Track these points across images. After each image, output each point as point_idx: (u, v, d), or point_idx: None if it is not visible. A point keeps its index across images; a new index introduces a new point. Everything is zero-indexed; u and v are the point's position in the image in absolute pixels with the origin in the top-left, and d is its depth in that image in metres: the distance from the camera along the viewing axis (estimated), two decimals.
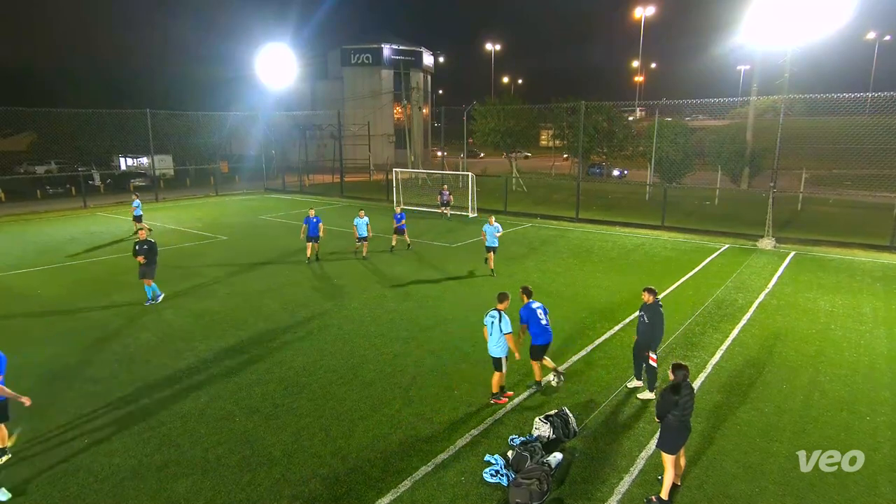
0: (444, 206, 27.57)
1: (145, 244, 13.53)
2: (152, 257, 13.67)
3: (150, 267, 13.69)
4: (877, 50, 75.34)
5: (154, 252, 13.72)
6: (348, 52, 64.55)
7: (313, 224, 17.78)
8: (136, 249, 13.52)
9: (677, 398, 6.36)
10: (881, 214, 25.23)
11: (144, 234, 14.00)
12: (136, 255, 13.49)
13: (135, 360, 10.57)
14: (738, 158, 35.12)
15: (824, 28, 22.41)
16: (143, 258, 13.47)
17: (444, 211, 27.57)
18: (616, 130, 42.31)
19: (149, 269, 13.70)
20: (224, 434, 7.99)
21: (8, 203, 32.42)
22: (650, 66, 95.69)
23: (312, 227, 17.77)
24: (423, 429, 8.11)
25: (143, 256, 13.46)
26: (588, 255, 19.31)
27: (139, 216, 22.51)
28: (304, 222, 17.89)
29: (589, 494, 6.71)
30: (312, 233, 17.81)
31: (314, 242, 18.02)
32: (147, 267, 13.64)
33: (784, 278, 16.34)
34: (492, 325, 8.68)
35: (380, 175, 44.59)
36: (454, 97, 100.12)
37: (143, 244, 13.52)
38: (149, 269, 13.70)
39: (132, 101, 40.10)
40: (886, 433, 8.01)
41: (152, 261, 13.70)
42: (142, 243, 13.53)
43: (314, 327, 12.26)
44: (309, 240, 17.93)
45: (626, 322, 12.56)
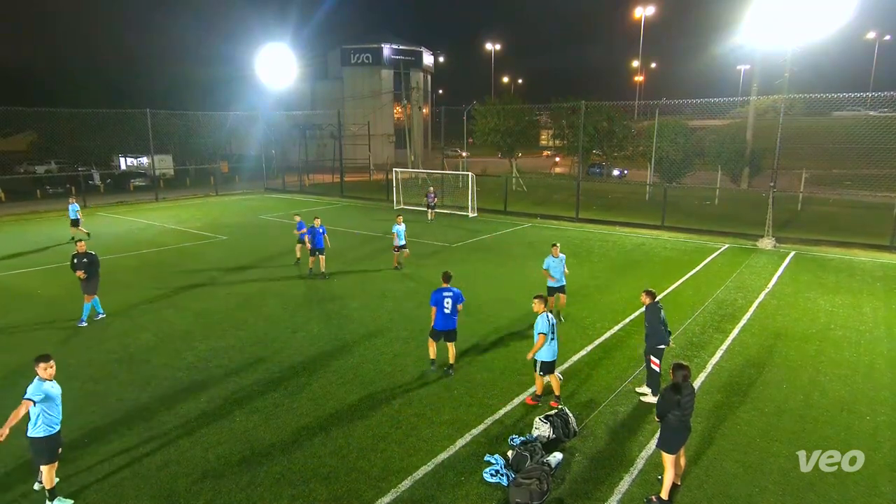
0: (430, 209, 27.02)
1: (84, 257, 12.17)
2: (93, 271, 12.29)
3: (90, 282, 12.26)
4: (877, 50, 75.37)
5: (95, 265, 12.36)
6: (348, 52, 64.60)
7: (318, 235, 15.99)
8: (75, 263, 12.13)
9: (678, 398, 6.36)
10: (881, 214, 25.22)
11: (83, 246, 12.53)
12: (75, 269, 12.10)
13: (135, 359, 10.57)
14: (738, 158, 35.12)
15: (824, 28, 22.39)
16: (83, 273, 12.07)
17: (431, 214, 26.98)
18: (616, 130, 42.32)
19: (90, 285, 12.27)
20: (224, 434, 7.99)
21: (8, 203, 32.42)
22: (650, 65, 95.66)
23: (317, 238, 15.99)
24: (423, 429, 8.11)
25: (83, 271, 12.07)
26: (588, 255, 19.30)
27: (76, 220, 21.50)
28: (308, 232, 16.16)
29: (589, 494, 6.71)
30: (318, 244, 16.04)
31: (319, 255, 16.16)
32: (88, 282, 12.21)
33: (784, 278, 16.34)
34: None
35: (380, 175, 44.59)
36: (454, 97, 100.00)
37: (83, 257, 12.16)
38: (90, 285, 12.27)
39: (132, 101, 40.06)
40: (886, 433, 8.01)
41: (93, 274, 12.29)
42: (80, 256, 12.16)
43: (314, 327, 12.26)
44: (313, 252, 16.13)
45: (626, 322, 12.56)
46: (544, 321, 8.51)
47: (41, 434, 6.36)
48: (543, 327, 8.48)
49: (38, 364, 6.48)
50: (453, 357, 9.91)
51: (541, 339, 8.47)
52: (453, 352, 9.89)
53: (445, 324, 9.65)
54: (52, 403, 6.44)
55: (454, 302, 9.61)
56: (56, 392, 6.53)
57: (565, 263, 12.46)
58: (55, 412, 6.48)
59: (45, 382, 6.45)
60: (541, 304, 8.79)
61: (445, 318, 9.61)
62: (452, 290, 9.74)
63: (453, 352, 9.89)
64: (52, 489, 6.49)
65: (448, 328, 9.71)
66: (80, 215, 21.93)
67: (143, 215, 28.45)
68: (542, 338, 8.45)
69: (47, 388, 6.42)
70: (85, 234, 21.27)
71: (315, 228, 16.01)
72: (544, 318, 8.55)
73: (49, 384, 6.47)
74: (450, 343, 9.84)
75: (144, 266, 17.80)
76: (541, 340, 8.46)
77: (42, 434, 6.36)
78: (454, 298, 9.64)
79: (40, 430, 6.36)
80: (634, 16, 69.48)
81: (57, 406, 6.52)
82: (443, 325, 9.65)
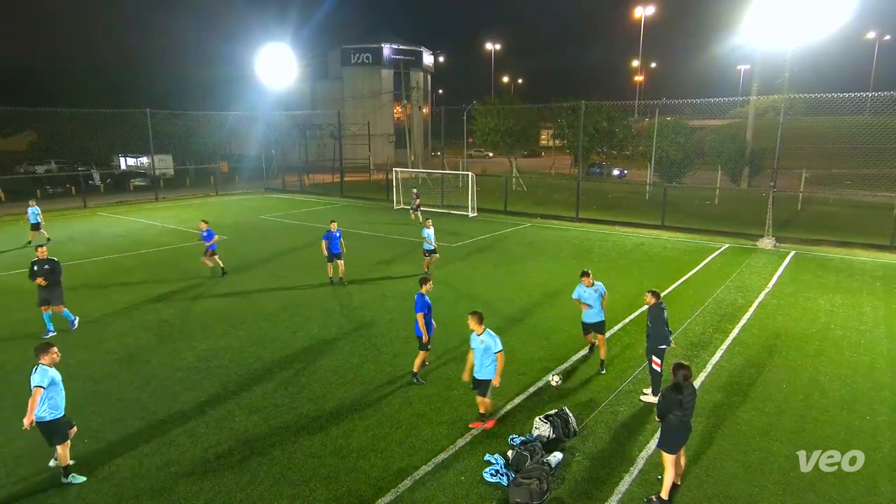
0: (413, 210, 26.60)
1: (46, 264, 11.47)
2: (55, 279, 11.52)
3: (53, 291, 11.53)
4: (877, 50, 75.37)
5: (58, 273, 11.58)
6: (348, 52, 64.60)
7: (335, 239, 15.28)
8: (34, 271, 11.41)
9: (680, 398, 6.36)
10: (881, 214, 25.23)
11: (44, 252, 11.76)
12: (34, 277, 11.39)
13: (135, 359, 10.57)
14: (738, 158, 35.12)
15: (824, 28, 22.38)
16: (44, 280, 11.37)
17: (413, 214, 26.48)
18: (616, 130, 42.31)
19: (53, 294, 11.53)
20: (224, 434, 7.99)
21: (8, 203, 32.41)
22: (650, 65, 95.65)
23: (334, 242, 15.30)
24: (423, 429, 8.11)
25: (44, 278, 11.37)
26: (588, 255, 19.30)
27: (36, 224, 20.87)
28: (324, 237, 15.36)
29: (589, 494, 6.71)
30: (335, 249, 15.32)
31: (337, 261, 15.48)
32: (49, 291, 11.47)
33: (784, 278, 16.34)
34: None
35: (380, 175, 44.59)
36: (454, 97, 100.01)
37: (44, 264, 11.46)
38: (53, 294, 11.53)
39: (132, 101, 40.03)
40: (886, 433, 8.01)
41: (55, 283, 11.54)
42: (41, 263, 11.46)
43: (314, 327, 12.26)
44: (331, 258, 15.46)
45: (626, 322, 12.57)
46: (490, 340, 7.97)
47: (48, 417, 6.77)
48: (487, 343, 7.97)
49: (46, 350, 6.93)
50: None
51: (469, 355, 8.21)
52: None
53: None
54: (57, 388, 6.88)
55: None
56: (59, 378, 6.94)
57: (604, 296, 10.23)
58: (59, 396, 6.90)
59: (50, 369, 6.86)
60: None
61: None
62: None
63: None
64: (66, 466, 6.92)
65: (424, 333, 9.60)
66: (40, 219, 21.18)
67: (143, 215, 28.45)
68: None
69: (52, 374, 6.83)
70: (46, 238, 20.87)
71: (332, 233, 15.26)
72: None
73: (53, 370, 6.88)
74: None
75: (144, 266, 17.80)
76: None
77: (49, 417, 6.77)
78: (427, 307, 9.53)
79: (46, 413, 6.75)
80: (634, 16, 69.44)
81: (61, 391, 6.95)
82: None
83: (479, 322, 7.89)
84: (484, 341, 7.83)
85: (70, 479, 6.89)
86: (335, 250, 15.33)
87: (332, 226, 15.52)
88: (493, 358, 7.81)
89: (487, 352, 7.80)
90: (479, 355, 7.93)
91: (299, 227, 25.21)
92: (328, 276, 15.74)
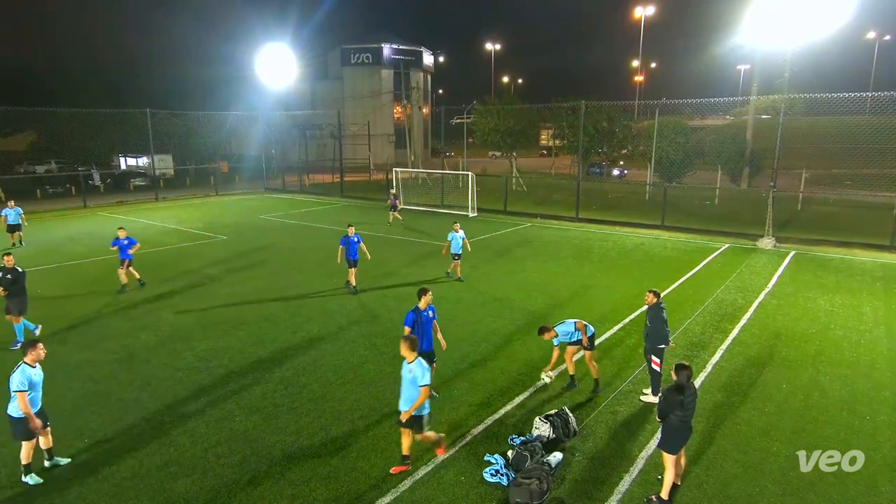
0: (391, 212, 25.86)
1: (9, 273, 11.08)
2: (17, 289, 11.11)
3: (14, 300, 11.14)
4: (877, 50, 75.39)
5: (20, 283, 11.18)
6: (348, 52, 64.61)
7: (353, 244, 14.58)
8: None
9: (682, 398, 6.35)
10: (881, 214, 25.23)
11: (11, 260, 11.28)
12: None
13: (135, 359, 10.56)
14: (738, 158, 35.12)
15: (824, 28, 22.38)
16: (4, 291, 11.01)
17: (391, 216, 25.74)
18: (616, 130, 42.31)
19: (14, 304, 11.13)
20: (224, 434, 7.99)
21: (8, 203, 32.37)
22: (650, 65, 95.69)
23: (352, 248, 14.59)
24: None
25: (4, 289, 11.00)
26: (588, 255, 19.31)
27: (16, 225, 20.22)
28: (341, 243, 14.64)
29: (589, 494, 6.71)
30: (352, 255, 14.58)
31: (355, 268, 14.71)
32: (11, 301, 11.11)
33: (784, 278, 16.34)
34: None
35: (380, 175, 44.59)
36: (454, 97, 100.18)
37: (7, 273, 11.07)
38: (14, 304, 11.13)
39: (132, 101, 40.05)
40: (886, 433, 8.01)
41: (17, 293, 11.13)
42: (5, 272, 11.08)
43: (314, 327, 12.26)
44: (349, 265, 14.64)
45: (626, 322, 12.57)
46: None
47: (18, 415, 6.82)
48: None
49: (33, 346, 6.98)
50: None
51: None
52: None
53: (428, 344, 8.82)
54: (36, 388, 6.96)
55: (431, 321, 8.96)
56: (39, 379, 7.01)
57: None
58: (36, 396, 6.99)
59: (31, 369, 6.91)
60: None
61: None
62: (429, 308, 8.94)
63: None
64: (27, 465, 6.95)
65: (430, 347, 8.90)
66: (22, 220, 20.54)
67: (143, 215, 28.45)
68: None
69: (31, 375, 6.87)
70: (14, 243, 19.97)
71: (349, 237, 14.52)
72: None
73: (33, 370, 6.93)
74: None
75: (144, 266, 17.76)
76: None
77: (19, 415, 6.81)
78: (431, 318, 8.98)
79: (17, 412, 6.82)
80: (634, 16, 69.49)
81: (38, 391, 7.03)
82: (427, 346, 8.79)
83: (411, 349, 7.03)
84: (412, 371, 6.95)
85: (28, 479, 6.89)
86: (352, 256, 14.55)
87: (349, 230, 14.73)
88: (418, 391, 6.88)
89: (414, 383, 6.91)
90: (406, 386, 7.00)
91: (299, 228, 25.22)
92: (351, 283, 14.81)
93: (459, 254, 15.82)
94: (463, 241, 15.86)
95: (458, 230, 15.90)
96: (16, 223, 20.37)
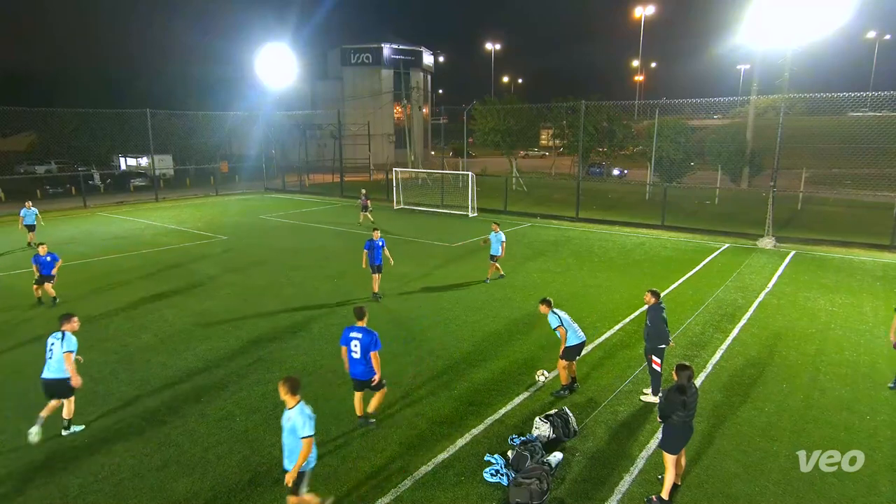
0: (362, 212, 25.59)
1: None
2: None
3: None
4: (877, 49, 75.39)
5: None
6: (348, 52, 64.55)
7: (378, 249, 13.99)
8: None
9: (684, 398, 6.35)
10: (881, 214, 25.22)
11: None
12: None
13: (135, 359, 10.56)
14: (738, 158, 35.11)
15: (824, 28, 22.36)
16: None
17: (362, 216, 25.56)
18: (616, 130, 42.32)
19: None
20: (224, 434, 7.99)
21: (8, 203, 32.41)
22: (650, 65, 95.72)
23: (376, 252, 14.01)
24: (423, 429, 8.11)
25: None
26: (588, 255, 19.30)
27: (31, 225, 20.57)
28: (365, 247, 14.05)
29: (589, 494, 6.71)
30: (377, 260, 14.01)
31: (379, 273, 14.16)
32: None
33: (784, 278, 16.34)
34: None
35: (380, 175, 44.57)
36: (454, 97, 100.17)
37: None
38: None
39: (132, 101, 40.08)
40: (886, 433, 8.01)
41: None
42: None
43: (314, 327, 12.26)
44: (373, 270, 14.09)
45: (626, 322, 12.56)
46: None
47: (64, 375, 7.86)
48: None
49: (69, 319, 8.08)
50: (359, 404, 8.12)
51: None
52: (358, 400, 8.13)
53: (354, 369, 7.88)
54: (75, 352, 8.05)
55: (361, 343, 7.75)
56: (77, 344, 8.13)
57: None
58: None
59: (72, 336, 8.00)
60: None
61: (354, 363, 7.83)
62: (363, 330, 7.84)
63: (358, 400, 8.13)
64: (70, 419, 8.00)
65: (356, 376, 7.90)
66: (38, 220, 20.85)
67: (143, 215, 28.45)
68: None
69: (75, 341, 8.00)
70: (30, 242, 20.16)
71: (374, 242, 14.02)
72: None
73: (73, 337, 8.01)
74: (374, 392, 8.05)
75: (144, 266, 17.80)
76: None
77: (65, 376, 7.86)
78: (364, 343, 7.75)
79: (65, 374, 7.87)
80: (634, 16, 69.51)
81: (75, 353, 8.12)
82: (353, 371, 7.92)
83: (292, 392, 5.83)
84: (291, 419, 5.75)
85: (72, 429, 7.98)
86: (377, 261, 14.01)
87: (374, 234, 14.26)
88: (300, 443, 5.69)
89: (294, 433, 5.71)
90: (286, 436, 5.81)
91: (300, 228, 25.22)
92: (373, 291, 14.29)
93: (496, 255, 15.67)
94: (502, 244, 15.68)
95: (497, 230, 15.80)
96: (31, 224, 20.71)
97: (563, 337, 8.89)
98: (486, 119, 43.82)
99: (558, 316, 9.04)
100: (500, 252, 15.64)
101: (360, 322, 7.90)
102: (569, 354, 9.05)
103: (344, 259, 18.58)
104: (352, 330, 7.86)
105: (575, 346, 9.04)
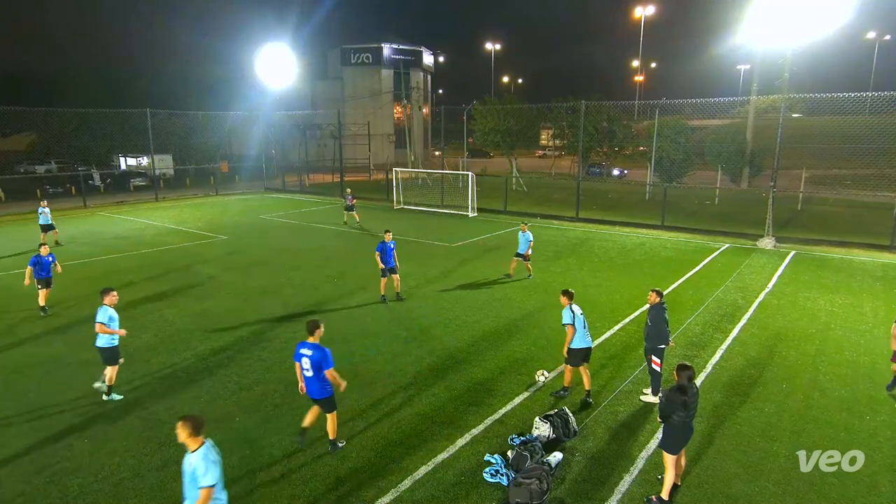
0: (346, 212, 25.28)
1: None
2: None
3: None
4: (877, 50, 75.42)
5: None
6: (348, 52, 64.54)
7: (389, 251, 13.79)
8: None
9: (684, 399, 6.35)
10: (881, 214, 25.23)
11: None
12: None
13: (135, 359, 10.56)
14: (738, 158, 35.10)
15: (824, 28, 22.37)
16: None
17: (347, 216, 25.33)
18: (616, 130, 42.32)
19: None
20: (224, 434, 7.98)
21: (8, 202, 32.43)
22: (650, 65, 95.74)
23: (389, 254, 13.79)
24: (423, 429, 8.11)
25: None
26: (588, 255, 19.30)
27: (48, 225, 20.44)
28: (377, 249, 13.75)
29: (589, 494, 6.71)
30: (389, 262, 13.81)
31: (392, 275, 14.02)
32: None
33: (784, 278, 16.34)
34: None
35: (380, 175, 44.58)
36: (454, 97, 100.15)
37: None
38: None
39: (132, 101, 40.06)
40: (886, 433, 8.01)
41: None
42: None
43: None
44: (384, 273, 13.86)
45: (626, 322, 12.56)
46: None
47: (108, 345, 8.81)
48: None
49: (108, 293, 8.93)
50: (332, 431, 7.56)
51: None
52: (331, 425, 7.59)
53: (310, 388, 7.39)
54: (115, 322, 8.87)
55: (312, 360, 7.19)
56: (116, 315, 8.93)
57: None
58: (116, 327, 8.91)
59: (110, 309, 8.80)
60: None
61: (308, 382, 7.37)
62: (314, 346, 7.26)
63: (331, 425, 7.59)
64: (111, 385, 8.95)
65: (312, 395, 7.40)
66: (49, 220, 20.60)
67: (143, 215, 28.45)
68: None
69: (111, 313, 8.79)
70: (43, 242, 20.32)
71: (385, 244, 13.76)
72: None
73: (112, 310, 8.83)
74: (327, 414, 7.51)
75: (145, 266, 17.80)
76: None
77: (109, 345, 8.81)
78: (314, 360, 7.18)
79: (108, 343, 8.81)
80: (634, 16, 69.52)
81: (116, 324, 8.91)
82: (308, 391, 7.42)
83: (195, 433, 4.96)
84: (193, 464, 4.91)
85: (112, 396, 8.91)
86: (389, 263, 13.82)
87: (385, 236, 13.99)
88: (197, 494, 4.85)
89: (194, 482, 4.88)
90: (187, 486, 4.99)
91: (300, 228, 25.22)
92: (381, 293, 14.05)
93: (522, 253, 15.87)
94: (529, 244, 15.85)
95: (525, 230, 16.03)
96: (45, 223, 20.66)
97: (569, 336, 8.67)
98: (486, 119, 43.82)
99: (573, 314, 8.68)
100: (527, 251, 15.83)
101: (311, 338, 7.29)
102: (572, 357, 8.75)
103: (344, 259, 18.59)
104: (303, 346, 7.32)
105: (579, 349, 8.70)
